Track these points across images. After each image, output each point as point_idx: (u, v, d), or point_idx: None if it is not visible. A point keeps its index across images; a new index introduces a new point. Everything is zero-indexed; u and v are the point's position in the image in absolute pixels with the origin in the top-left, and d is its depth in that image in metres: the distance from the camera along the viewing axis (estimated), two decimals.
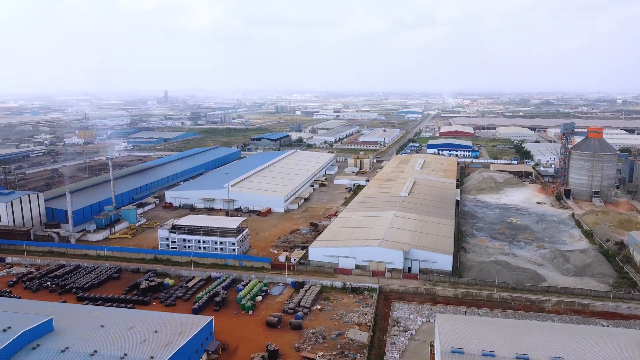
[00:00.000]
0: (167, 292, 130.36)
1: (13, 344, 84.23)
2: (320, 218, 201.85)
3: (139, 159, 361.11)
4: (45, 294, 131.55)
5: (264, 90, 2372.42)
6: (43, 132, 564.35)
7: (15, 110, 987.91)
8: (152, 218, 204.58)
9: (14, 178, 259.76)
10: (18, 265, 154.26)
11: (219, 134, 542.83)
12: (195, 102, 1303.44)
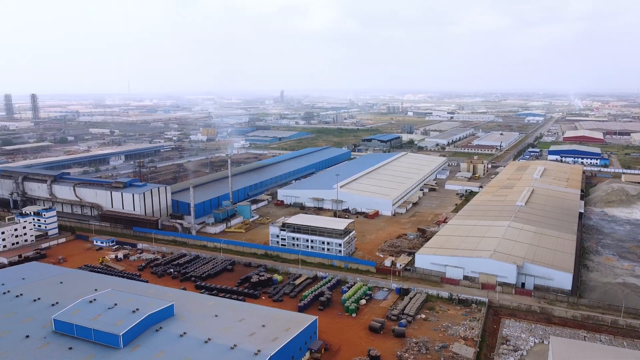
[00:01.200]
0: (275, 288, 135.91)
1: (140, 325, 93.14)
2: (428, 224, 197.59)
3: (254, 157, 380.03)
4: (168, 279, 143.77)
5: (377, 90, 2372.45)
6: (172, 128, 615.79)
7: (150, 108, 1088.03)
8: (265, 214, 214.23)
9: (146, 171, 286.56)
10: (147, 251, 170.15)
11: (331, 134, 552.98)
12: (309, 102, 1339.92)
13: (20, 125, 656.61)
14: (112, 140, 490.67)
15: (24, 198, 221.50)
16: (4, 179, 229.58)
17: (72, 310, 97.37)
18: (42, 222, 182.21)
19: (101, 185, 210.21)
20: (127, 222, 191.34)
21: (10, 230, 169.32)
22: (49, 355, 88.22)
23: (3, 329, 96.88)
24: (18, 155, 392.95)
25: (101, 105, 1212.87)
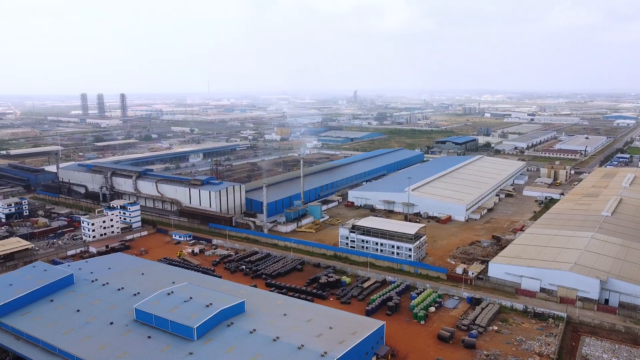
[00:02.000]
0: (343, 290, 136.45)
1: (213, 319, 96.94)
2: (504, 231, 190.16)
3: (326, 157, 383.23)
4: (240, 276, 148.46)
5: (453, 90, 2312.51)
6: (248, 128, 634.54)
7: (228, 108, 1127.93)
8: (335, 215, 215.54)
9: (222, 169, 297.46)
10: (221, 247, 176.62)
11: (404, 135, 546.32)
12: (383, 102, 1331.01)
13: (111, 123, 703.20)
14: (191, 139, 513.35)
15: (112, 192, 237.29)
16: (95, 173, 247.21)
17: (151, 301, 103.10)
18: (127, 215, 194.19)
19: (181, 182, 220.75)
20: (203, 218, 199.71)
21: (99, 222, 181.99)
22: (130, 343, 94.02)
23: (91, 315, 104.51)
24: (107, 151, 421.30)
25: (182, 105, 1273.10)
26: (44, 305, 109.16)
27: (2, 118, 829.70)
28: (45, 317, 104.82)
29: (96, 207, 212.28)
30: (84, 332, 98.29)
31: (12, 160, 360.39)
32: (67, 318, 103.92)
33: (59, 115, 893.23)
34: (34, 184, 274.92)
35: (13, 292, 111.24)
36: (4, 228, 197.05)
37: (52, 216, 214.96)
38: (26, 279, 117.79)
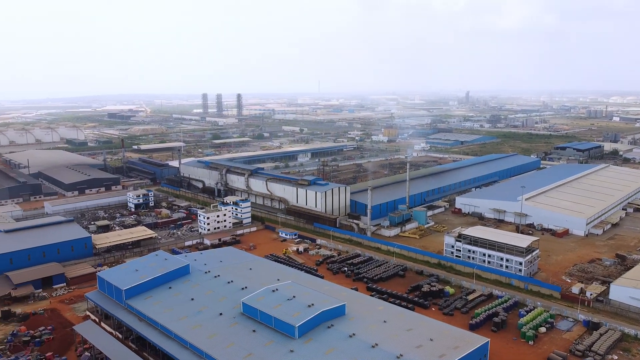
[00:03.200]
0: (446, 300, 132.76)
1: (314, 319, 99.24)
2: (630, 250, 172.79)
3: (434, 161, 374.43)
4: (342, 277, 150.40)
5: (575, 91, 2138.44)
6: (355, 128, 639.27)
7: (336, 108, 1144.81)
8: (440, 222, 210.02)
9: (329, 169, 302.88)
10: (325, 247, 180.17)
11: (519, 139, 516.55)
12: (497, 104, 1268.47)
13: (227, 122, 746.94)
14: (300, 138, 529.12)
15: (226, 188, 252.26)
16: (211, 170, 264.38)
17: (257, 296, 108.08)
18: (239, 211, 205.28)
19: (289, 182, 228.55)
20: (309, 218, 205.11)
21: (214, 217, 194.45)
22: (237, 334, 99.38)
23: (203, 304, 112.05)
24: (224, 149, 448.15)
25: (294, 104, 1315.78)
26: (163, 292, 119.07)
27: (135, 115, 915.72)
28: (164, 303, 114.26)
29: (211, 202, 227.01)
30: (196, 320, 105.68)
31: (142, 155, 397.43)
32: (182, 305, 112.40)
33: (183, 113, 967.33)
34: (159, 177, 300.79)
35: (138, 277, 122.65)
36: (133, 217, 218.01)
37: (173, 208, 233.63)
38: (150, 265, 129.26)
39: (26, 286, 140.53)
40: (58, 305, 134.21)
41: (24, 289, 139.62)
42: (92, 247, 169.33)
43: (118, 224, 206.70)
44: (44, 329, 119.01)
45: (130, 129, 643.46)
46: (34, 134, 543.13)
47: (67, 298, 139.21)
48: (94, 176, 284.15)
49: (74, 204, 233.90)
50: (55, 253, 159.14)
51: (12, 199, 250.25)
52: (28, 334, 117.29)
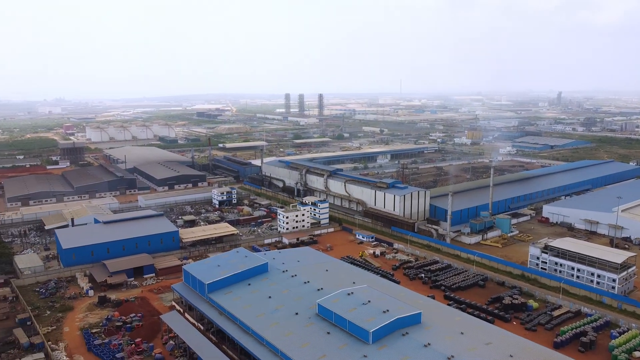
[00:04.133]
0: (529, 315, 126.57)
1: (389, 326, 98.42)
2: None
3: (520, 166, 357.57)
4: (418, 284, 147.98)
5: None
6: (437, 130, 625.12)
7: (418, 108, 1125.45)
8: (526, 231, 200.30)
9: (409, 172, 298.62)
10: (402, 252, 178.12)
11: (616, 145, 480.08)
12: (592, 105, 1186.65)
13: (308, 122, 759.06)
14: (380, 139, 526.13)
15: (305, 188, 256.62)
16: (292, 170, 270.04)
17: (333, 298, 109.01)
18: (317, 211, 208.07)
19: (367, 184, 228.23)
20: (386, 221, 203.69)
21: (293, 216, 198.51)
22: (312, 335, 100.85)
23: (279, 303, 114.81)
24: (304, 149, 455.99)
25: (374, 104, 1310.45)
26: (242, 288, 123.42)
27: (222, 114, 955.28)
28: (243, 299, 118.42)
29: (291, 202, 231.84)
30: (273, 318, 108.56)
31: (226, 153, 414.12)
32: (260, 302, 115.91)
33: (266, 112, 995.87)
34: (242, 175, 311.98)
35: (220, 272, 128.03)
36: (217, 213, 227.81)
37: (254, 206, 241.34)
38: (231, 262, 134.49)
39: (120, 274, 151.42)
40: (147, 294, 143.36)
41: (118, 277, 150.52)
42: (179, 240, 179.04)
43: (203, 219, 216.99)
44: (134, 316, 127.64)
45: (217, 128, 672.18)
46: (131, 131, 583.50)
47: (155, 288, 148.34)
48: (182, 173, 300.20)
49: (164, 199, 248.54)
50: (147, 245, 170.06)
51: (111, 192, 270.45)
52: (120, 319, 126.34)
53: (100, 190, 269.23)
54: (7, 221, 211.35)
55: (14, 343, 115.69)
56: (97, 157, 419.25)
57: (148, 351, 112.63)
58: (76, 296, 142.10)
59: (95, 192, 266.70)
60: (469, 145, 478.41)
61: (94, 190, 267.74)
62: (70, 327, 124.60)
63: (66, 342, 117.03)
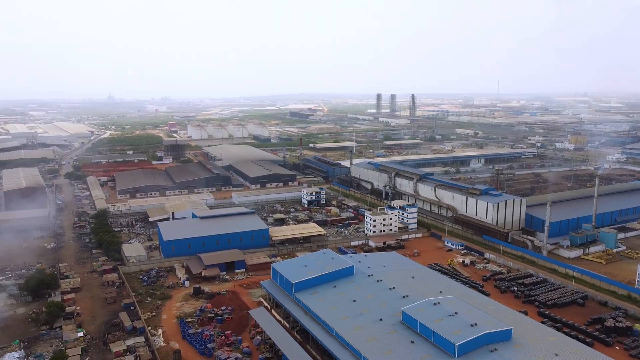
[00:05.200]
0: (634, 340, 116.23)
1: (476, 340, 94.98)
2: None
3: (630, 175, 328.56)
4: (510, 297, 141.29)
5: None
6: (537, 133, 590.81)
7: (516, 110, 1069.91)
8: (634, 247, 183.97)
9: (503, 178, 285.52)
10: (493, 262, 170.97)
11: None
12: None
13: (399, 123, 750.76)
14: (474, 142, 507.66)
15: (393, 191, 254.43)
16: (381, 172, 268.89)
17: (418, 307, 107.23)
18: (405, 216, 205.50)
19: (458, 190, 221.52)
20: (478, 229, 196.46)
21: (380, 219, 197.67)
22: (395, 342, 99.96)
23: (363, 307, 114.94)
24: (394, 150, 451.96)
25: (469, 105, 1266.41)
26: (328, 290, 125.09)
27: (313, 114, 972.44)
28: (328, 300, 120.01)
29: (379, 204, 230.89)
30: (356, 322, 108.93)
31: (317, 153, 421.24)
32: (344, 305, 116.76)
33: (357, 113, 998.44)
34: (331, 176, 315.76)
35: (307, 272, 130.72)
36: (306, 212, 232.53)
37: (342, 207, 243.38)
38: (317, 262, 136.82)
39: (214, 268, 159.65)
40: (238, 289, 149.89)
41: (212, 270, 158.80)
42: (269, 238, 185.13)
43: (292, 218, 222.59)
44: (225, 309, 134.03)
45: (308, 128, 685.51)
46: (228, 130, 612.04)
47: (245, 283, 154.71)
48: (274, 172, 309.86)
49: (256, 197, 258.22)
50: (238, 241, 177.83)
51: (208, 188, 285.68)
52: (212, 311, 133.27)
53: (199, 186, 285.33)
54: (117, 212, 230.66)
55: (119, 325, 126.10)
56: (196, 154, 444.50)
57: (237, 344, 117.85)
58: (174, 286, 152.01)
59: (194, 188, 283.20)
60: (572, 151, 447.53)
61: (192, 185, 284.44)
62: (167, 314, 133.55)
63: (164, 329, 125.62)
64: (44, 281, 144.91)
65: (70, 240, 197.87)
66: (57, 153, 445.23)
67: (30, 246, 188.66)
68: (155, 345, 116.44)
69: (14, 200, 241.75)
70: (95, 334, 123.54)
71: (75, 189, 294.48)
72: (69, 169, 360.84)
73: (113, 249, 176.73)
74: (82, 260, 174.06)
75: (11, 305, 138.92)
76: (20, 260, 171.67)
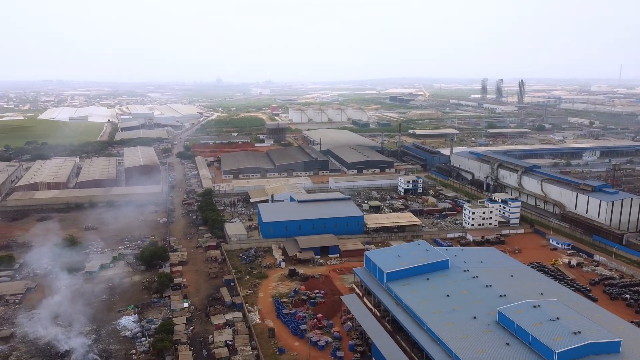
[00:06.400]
0: None
1: (579, 350, 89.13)
2: None
3: None
4: (621, 305, 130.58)
5: None
6: None
7: None
8: None
9: (621, 174, 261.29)
10: (604, 265, 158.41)
11: None
12: None
13: (505, 109, 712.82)
14: (589, 133, 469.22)
15: (495, 183, 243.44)
16: (483, 163, 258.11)
17: (516, 308, 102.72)
18: (507, 210, 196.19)
19: (568, 185, 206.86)
20: (587, 229, 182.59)
21: (479, 212, 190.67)
22: (489, 342, 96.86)
23: (457, 303, 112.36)
24: (498, 139, 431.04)
25: (585, 92, 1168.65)
26: (420, 282, 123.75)
27: (414, 99, 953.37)
28: (420, 293, 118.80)
29: (479, 196, 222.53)
30: (449, 318, 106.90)
31: (415, 140, 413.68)
32: (437, 299, 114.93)
33: (460, 98, 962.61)
34: (429, 164, 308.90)
35: (400, 262, 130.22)
36: (401, 201, 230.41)
37: (439, 197, 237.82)
38: (411, 253, 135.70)
39: (308, 251, 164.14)
40: (331, 273, 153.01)
41: (307, 253, 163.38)
42: (364, 225, 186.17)
43: (387, 206, 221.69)
44: (318, 292, 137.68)
45: (408, 113, 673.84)
46: (327, 114, 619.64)
47: (338, 268, 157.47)
48: (371, 158, 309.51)
49: (352, 182, 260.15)
50: (333, 226, 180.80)
51: (306, 172, 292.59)
52: (306, 293, 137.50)
53: (297, 169, 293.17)
54: (221, 191, 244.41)
55: (220, 299, 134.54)
56: (296, 137, 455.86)
57: (328, 327, 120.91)
58: (270, 266, 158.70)
59: (293, 171, 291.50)
60: None
61: (292, 169, 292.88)
62: (264, 293, 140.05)
63: (260, 307, 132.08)
64: (156, 253, 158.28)
65: (179, 215, 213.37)
66: (170, 133, 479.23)
67: (146, 219, 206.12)
68: (252, 322, 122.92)
69: (133, 177, 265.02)
70: (198, 305, 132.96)
71: (185, 168, 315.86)
72: (180, 148, 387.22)
73: (217, 227, 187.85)
74: (189, 236, 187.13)
75: (128, 273, 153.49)
76: (137, 232, 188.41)
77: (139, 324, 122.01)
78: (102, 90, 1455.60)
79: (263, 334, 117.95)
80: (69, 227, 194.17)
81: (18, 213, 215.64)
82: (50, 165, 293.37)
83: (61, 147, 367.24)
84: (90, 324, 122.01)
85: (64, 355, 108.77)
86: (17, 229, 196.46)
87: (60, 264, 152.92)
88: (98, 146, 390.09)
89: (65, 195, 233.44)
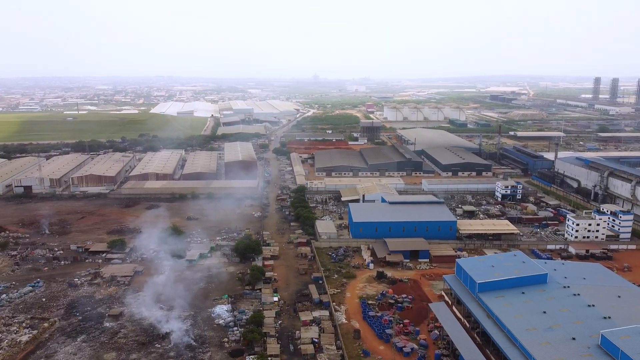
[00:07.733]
0: None
1: None
2: None
3: None
4: None
5: None
6: None
7: None
8: None
9: None
10: None
11: None
12: None
13: (621, 111, 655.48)
14: None
15: (605, 193, 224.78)
16: (591, 170, 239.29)
17: (622, 333, 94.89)
18: (616, 223, 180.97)
19: None
20: None
21: (584, 224, 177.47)
22: None
23: (555, 322, 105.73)
24: (610, 144, 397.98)
25: None
26: (515, 296, 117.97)
27: (517, 98, 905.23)
28: (515, 307, 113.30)
29: (585, 206, 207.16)
30: (545, 337, 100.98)
31: (516, 142, 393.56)
32: (533, 315, 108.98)
33: (568, 98, 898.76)
34: (531, 169, 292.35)
35: (493, 273, 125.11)
36: (498, 207, 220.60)
37: (540, 205, 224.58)
38: (505, 264, 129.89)
39: (398, 254, 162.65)
40: (420, 279, 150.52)
41: (396, 256, 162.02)
42: (456, 230, 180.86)
43: (482, 212, 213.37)
44: (405, 297, 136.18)
45: (510, 113, 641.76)
46: (423, 112, 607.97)
47: (428, 273, 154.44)
48: (467, 160, 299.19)
49: (446, 185, 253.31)
50: (424, 230, 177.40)
51: (398, 172, 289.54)
52: (393, 297, 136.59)
53: (390, 169, 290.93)
54: (313, 189, 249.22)
55: (308, 296, 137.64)
56: (390, 136, 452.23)
57: (414, 334, 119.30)
58: (359, 266, 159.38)
59: (385, 171, 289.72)
60: None
61: (384, 168, 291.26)
62: (351, 293, 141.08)
63: (347, 307, 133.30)
64: (250, 246, 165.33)
65: (273, 211, 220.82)
66: (268, 129, 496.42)
67: (242, 213, 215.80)
68: (338, 321, 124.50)
69: (232, 171, 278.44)
70: (287, 300, 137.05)
71: (280, 164, 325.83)
72: (276, 144, 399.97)
73: (308, 224, 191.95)
74: (282, 231, 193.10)
75: (224, 263, 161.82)
76: (233, 225, 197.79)
77: (232, 314, 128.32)
78: (207, 85, 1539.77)
79: (348, 335, 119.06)
80: (173, 216, 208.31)
81: (130, 200, 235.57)
82: (159, 157, 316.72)
83: (169, 140, 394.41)
84: (188, 310, 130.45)
85: (165, 337, 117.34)
86: (129, 215, 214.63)
87: (165, 250, 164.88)
88: (202, 140, 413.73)
89: (171, 186, 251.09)
